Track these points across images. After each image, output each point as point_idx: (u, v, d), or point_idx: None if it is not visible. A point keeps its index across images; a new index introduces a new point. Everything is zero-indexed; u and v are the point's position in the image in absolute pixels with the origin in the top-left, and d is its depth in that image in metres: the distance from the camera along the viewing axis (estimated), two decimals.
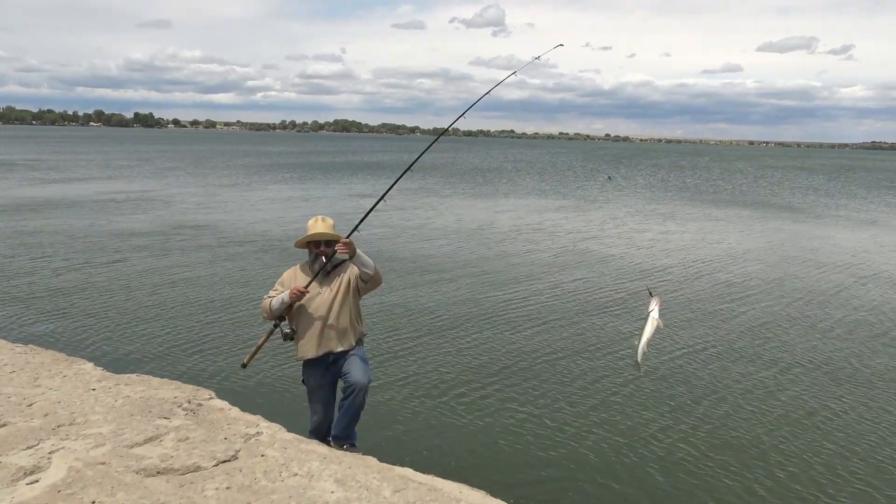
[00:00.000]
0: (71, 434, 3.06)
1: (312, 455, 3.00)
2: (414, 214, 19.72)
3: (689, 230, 18.51)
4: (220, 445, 3.02)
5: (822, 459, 5.35)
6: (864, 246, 16.45)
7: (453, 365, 7.16)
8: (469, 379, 6.77)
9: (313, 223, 4.34)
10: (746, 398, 6.51)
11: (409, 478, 2.81)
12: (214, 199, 22.58)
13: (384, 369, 6.93)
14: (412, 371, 6.95)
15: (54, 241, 13.66)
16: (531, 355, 7.54)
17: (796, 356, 7.79)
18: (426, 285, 10.84)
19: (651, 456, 5.32)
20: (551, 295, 10.39)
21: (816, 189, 37.16)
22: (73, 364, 4.18)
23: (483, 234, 16.68)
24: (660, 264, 13.22)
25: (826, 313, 9.77)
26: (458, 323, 8.72)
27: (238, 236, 14.87)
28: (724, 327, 8.89)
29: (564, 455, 5.27)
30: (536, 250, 14.32)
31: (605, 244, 15.45)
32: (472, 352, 7.61)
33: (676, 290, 11.01)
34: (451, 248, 14.28)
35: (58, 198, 21.38)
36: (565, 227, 18.20)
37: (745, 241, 16.76)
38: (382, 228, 16.63)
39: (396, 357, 7.35)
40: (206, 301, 9.36)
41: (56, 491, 2.57)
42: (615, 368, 7.22)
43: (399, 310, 9.22)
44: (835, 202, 29.09)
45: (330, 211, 19.00)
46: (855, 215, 23.79)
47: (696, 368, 7.31)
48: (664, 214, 21.95)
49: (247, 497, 2.57)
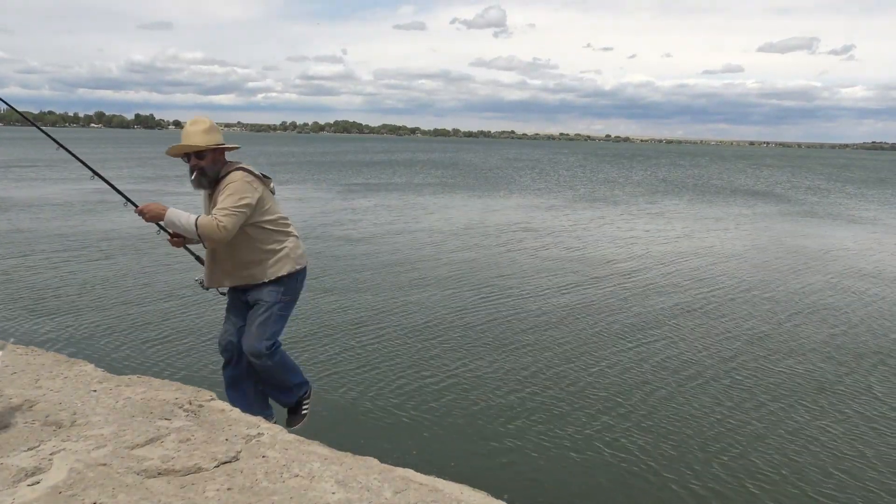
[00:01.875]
0: (72, 435, 3.06)
1: (314, 456, 3.00)
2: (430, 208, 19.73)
3: (678, 228, 18.51)
4: (221, 447, 3.02)
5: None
6: (846, 238, 16.45)
7: (453, 365, 7.16)
8: (470, 379, 6.76)
9: None
10: (756, 398, 6.51)
11: (411, 479, 2.81)
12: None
13: (385, 369, 6.93)
14: (413, 371, 6.95)
15: (53, 242, 13.66)
16: (532, 356, 7.54)
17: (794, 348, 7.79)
18: (430, 286, 10.84)
19: (651, 456, 5.32)
20: (551, 295, 10.39)
21: (810, 188, 37.16)
22: (74, 365, 4.19)
23: (476, 230, 16.68)
24: (645, 263, 13.22)
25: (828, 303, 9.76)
26: (459, 323, 8.72)
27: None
28: (725, 325, 8.89)
29: (566, 456, 5.27)
30: (535, 252, 14.32)
31: (606, 242, 15.45)
32: (473, 353, 7.60)
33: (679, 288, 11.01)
34: (451, 248, 14.29)
35: (57, 198, 21.39)
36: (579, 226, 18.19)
37: (739, 237, 16.76)
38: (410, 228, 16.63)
39: (397, 357, 7.35)
40: (206, 301, 9.36)
41: (57, 492, 2.57)
42: (618, 370, 7.22)
43: (397, 309, 9.22)
44: (831, 200, 29.09)
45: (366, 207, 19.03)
46: (849, 212, 23.79)
47: (713, 366, 7.31)
48: (655, 214, 21.96)
49: (248, 498, 2.58)
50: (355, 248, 13.96)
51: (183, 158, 3.80)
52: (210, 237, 3.62)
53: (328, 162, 53.60)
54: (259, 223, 3.80)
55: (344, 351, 7.53)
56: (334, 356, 7.36)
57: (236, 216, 3.64)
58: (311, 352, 7.48)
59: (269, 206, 3.84)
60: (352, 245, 14.39)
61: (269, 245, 3.85)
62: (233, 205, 3.62)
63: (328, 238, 15.13)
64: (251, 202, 3.70)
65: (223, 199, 3.65)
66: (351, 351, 7.53)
